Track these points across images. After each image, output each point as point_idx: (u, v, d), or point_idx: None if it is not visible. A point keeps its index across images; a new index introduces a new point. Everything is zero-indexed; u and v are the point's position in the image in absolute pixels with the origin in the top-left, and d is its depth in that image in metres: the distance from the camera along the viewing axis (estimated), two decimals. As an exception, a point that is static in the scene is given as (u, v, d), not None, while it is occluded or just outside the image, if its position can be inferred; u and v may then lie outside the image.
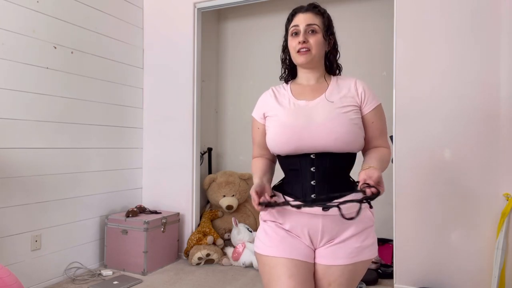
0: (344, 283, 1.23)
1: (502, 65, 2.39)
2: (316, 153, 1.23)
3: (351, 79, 1.33)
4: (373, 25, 3.51)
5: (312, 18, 1.29)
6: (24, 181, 2.56)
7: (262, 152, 1.40)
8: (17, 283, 1.51)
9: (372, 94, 1.30)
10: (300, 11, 1.32)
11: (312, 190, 1.24)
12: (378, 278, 2.84)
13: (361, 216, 1.24)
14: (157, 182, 3.53)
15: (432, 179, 2.55)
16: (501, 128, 2.39)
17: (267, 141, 1.32)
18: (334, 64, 1.37)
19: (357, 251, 1.23)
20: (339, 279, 1.23)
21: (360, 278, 1.29)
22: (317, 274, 1.26)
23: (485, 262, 2.42)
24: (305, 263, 1.24)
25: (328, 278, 1.24)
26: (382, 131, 1.31)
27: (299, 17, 1.31)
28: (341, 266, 1.22)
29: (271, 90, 1.41)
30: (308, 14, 1.30)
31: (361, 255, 1.24)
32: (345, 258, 1.22)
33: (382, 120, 1.31)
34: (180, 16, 3.45)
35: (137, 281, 2.82)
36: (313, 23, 1.29)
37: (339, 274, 1.23)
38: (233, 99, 4.18)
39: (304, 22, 1.29)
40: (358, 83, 1.31)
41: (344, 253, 1.22)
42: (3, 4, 2.44)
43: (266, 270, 1.26)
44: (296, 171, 1.27)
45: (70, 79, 2.88)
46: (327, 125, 1.21)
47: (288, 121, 1.26)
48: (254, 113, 1.41)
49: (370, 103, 1.28)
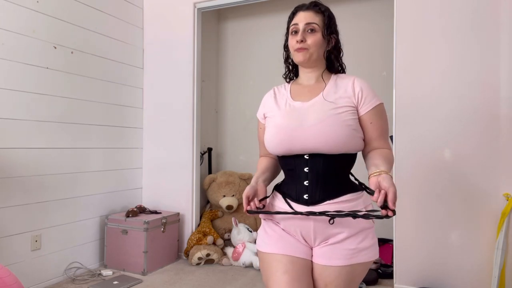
0: (341, 285, 1.22)
1: (502, 65, 2.39)
2: (310, 154, 1.23)
3: (350, 78, 1.30)
4: (373, 25, 3.51)
5: (312, 17, 1.28)
6: (24, 181, 2.56)
7: (267, 152, 1.43)
8: (17, 283, 1.51)
9: (372, 93, 1.26)
10: (301, 9, 1.31)
11: (305, 191, 1.24)
12: (378, 278, 2.84)
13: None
14: (157, 182, 3.53)
15: (432, 179, 2.55)
16: (501, 128, 2.39)
17: (264, 141, 1.34)
18: (336, 63, 1.35)
19: (353, 253, 1.21)
20: (335, 281, 1.21)
21: (360, 280, 1.27)
22: (314, 273, 1.26)
23: (485, 262, 2.42)
24: (301, 259, 1.24)
25: (324, 280, 1.23)
26: (382, 131, 1.26)
27: (299, 16, 1.30)
28: (337, 268, 1.21)
29: (272, 90, 1.42)
30: (308, 12, 1.29)
31: (358, 257, 1.21)
32: (340, 260, 1.21)
33: (382, 120, 1.27)
34: (180, 16, 3.45)
35: (137, 281, 2.82)
36: (312, 22, 1.27)
37: (335, 276, 1.21)
38: (233, 99, 4.18)
39: (303, 21, 1.28)
40: (356, 82, 1.27)
41: (340, 254, 1.21)
42: (3, 4, 2.44)
43: (264, 267, 1.29)
44: (292, 171, 1.29)
45: (70, 79, 2.88)
46: (318, 126, 1.20)
47: (282, 122, 1.27)
48: (257, 114, 1.44)
49: (368, 103, 1.24)
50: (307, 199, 1.23)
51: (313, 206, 1.22)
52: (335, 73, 1.36)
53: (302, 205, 1.24)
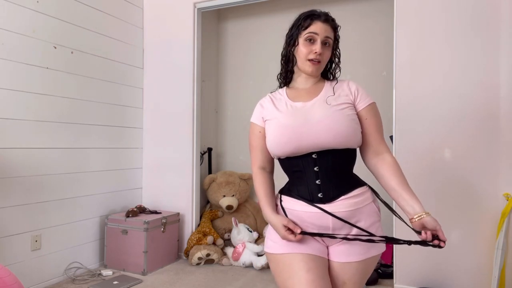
0: (358, 281, 1.26)
1: (502, 65, 2.39)
2: (318, 152, 1.24)
3: (344, 81, 1.37)
4: (373, 25, 3.51)
5: (330, 31, 1.30)
6: (24, 181, 2.56)
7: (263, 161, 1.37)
8: (17, 283, 1.51)
9: (365, 93, 1.33)
10: (319, 19, 1.29)
11: (318, 189, 1.25)
12: (378, 278, 2.84)
13: (369, 210, 1.27)
14: (157, 182, 3.53)
15: (432, 179, 2.55)
16: (501, 128, 2.39)
17: (268, 144, 1.32)
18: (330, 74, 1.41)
19: (368, 247, 1.25)
20: (353, 278, 1.25)
21: (369, 275, 1.31)
22: (332, 271, 1.27)
23: (485, 262, 2.42)
24: (321, 258, 1.25)
25: (343, 277, 1.26)
26: (377, 127, 1.32)
27: (318, 26, 1.29)
28: (354, 264, 1.24)
29: (268, 96, 1.41)
30: (327, 25, 1.29)
31: (371, 250, 1.26)
32: (358, 255, 1.25)
33: (376, 117, 1.32)
34: (180, 16, 3.45)
35: (137, 281, 2.82)
36: (329, 36, 1.30)
37: (353, 272, 1.25)
38: (233, 99, 4.18)
39: (324, 33, 1.28)
40: (350, 83, 1.35)
41: (357, 249, 1.25)
42: (3, 4, 2.44)
43: (282, 268, 1.26)
44: (300, 172, 1.28)
45: (70, 79, 2.88)
46: (325, 122, 1.23)
47: (287, 122, 1.27)
48: (253, 119, 1.40)
49: (363, 100, 1.31)
50: (321, 198, 1.25)
51: (328, 203, 1.24)
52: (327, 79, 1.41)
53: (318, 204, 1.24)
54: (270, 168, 1.40)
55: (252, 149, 1.40)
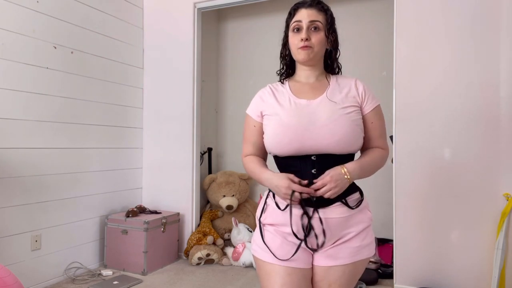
0: (344, 283, 1.23)
1: (502, 65, 2.39)
2: (317, 154, 1.20)
3: (351, 78, 1.31)
4: (373, 25, 3.51)
5: (316, 15, 1.25)
6: (24, 181, 2.56)
7: (256, 152, 1.35)
8: (17, 283, 1.51)
9: (372, 94, 1.29)
10: (303, 6, 1.27)
11: None
12: (378, 278, 2.84)
13: (363, 217, 1.25)
14: (157, 182, 3.53)
15: (432, 179, 2.55)
16: (501, 128, 2.39)
17: (266, 141, 1.27)
18: (335, 63, 1.35)
19: (357, 250, 1.23)
20: (339, 280, 1.22)
21: (359, 277, 1.29)
22: (316, 276, 1.25)
23: (485, 262, 2.42)
24: (300, 270, 1.22)
25: (328, 279, 1.23)
26: (381, 131, 1.30)
27: (302, 13, 1.26)
28: (342, 266, 1.22)
29: (268, 87, 1.35)
30: (311, 9, 1.26)
31: (360, 253, 1.24)
32: (345, 258, 1.22)
33: (381, 120, 1.30)
34: (180, 16, 3.45)
35: (137, 281, 2.82)
36: (316, 20, 1.25)
37: (339, 275, 1.22)
38: (233, 99, 4.18)
39: (307, 18, 1.24)
40: (358, 83, 1.30)
41: (345, 253, 1.22)
42: (3, 4, 2.44)
43: (261, 274, 1.28)
44: (296, 172, 1.23)
45: (70, 79, 2.88)
46: (330, 126, 1.19)
47: (290, 121, 1.21)
48: (249, 111, 1.35)
49: (370, 103, 1.27)
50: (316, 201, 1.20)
51: (323, 208, 1.21)
52: (332, 72, 1.36)
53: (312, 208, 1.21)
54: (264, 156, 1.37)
55: (244, 141, 1.37)
